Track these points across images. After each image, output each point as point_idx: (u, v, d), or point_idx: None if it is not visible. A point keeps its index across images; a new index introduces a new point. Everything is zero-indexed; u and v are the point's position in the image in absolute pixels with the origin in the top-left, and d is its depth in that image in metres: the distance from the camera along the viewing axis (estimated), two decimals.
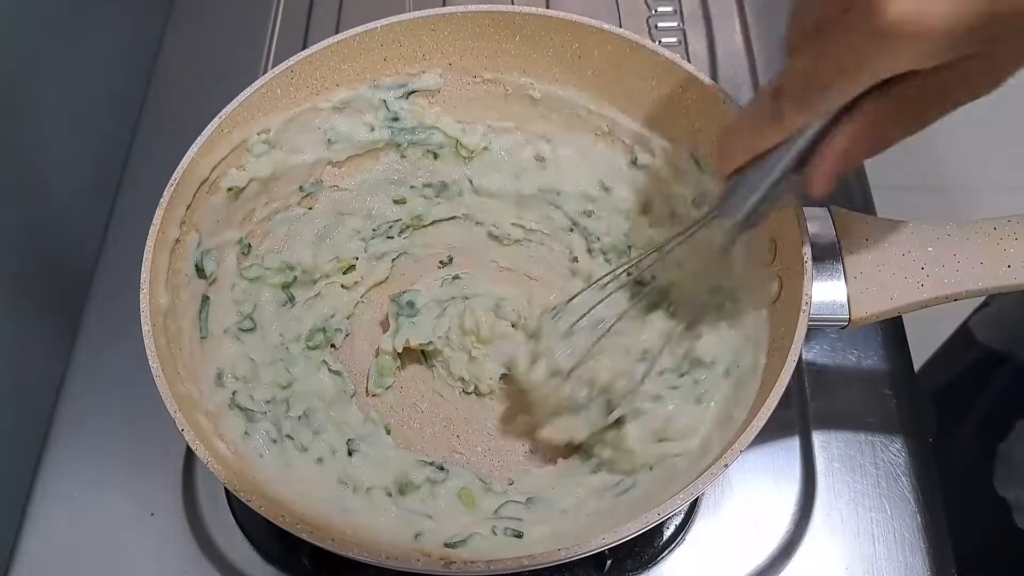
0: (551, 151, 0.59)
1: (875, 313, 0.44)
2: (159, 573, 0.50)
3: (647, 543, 0.50)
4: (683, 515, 0.51)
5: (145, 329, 0.43)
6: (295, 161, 0.55)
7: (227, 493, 0.52)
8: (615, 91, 0.55)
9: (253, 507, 0.39)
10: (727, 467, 0.39)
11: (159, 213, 0.46)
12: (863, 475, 0.52)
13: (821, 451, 0.53)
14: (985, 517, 0.68)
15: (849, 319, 0.44)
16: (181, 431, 0.41)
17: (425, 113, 0.58)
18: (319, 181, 0.57)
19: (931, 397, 0.83)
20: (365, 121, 0.57)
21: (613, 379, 0.48)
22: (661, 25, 0.73)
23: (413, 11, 0.54)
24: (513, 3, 0.70)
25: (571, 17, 0.53)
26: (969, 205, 1.39)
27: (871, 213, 0.62)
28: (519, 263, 0.60)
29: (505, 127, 0.59)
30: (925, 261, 0.44)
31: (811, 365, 0.56)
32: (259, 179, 0.53)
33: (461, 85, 0.58)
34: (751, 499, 0.52)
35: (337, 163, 0.58)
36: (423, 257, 0.60)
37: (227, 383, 0.49)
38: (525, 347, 0.52)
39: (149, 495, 0.52)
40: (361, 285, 0.58)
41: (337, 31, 0.59)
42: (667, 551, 0.50)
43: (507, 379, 0.54)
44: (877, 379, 0.56)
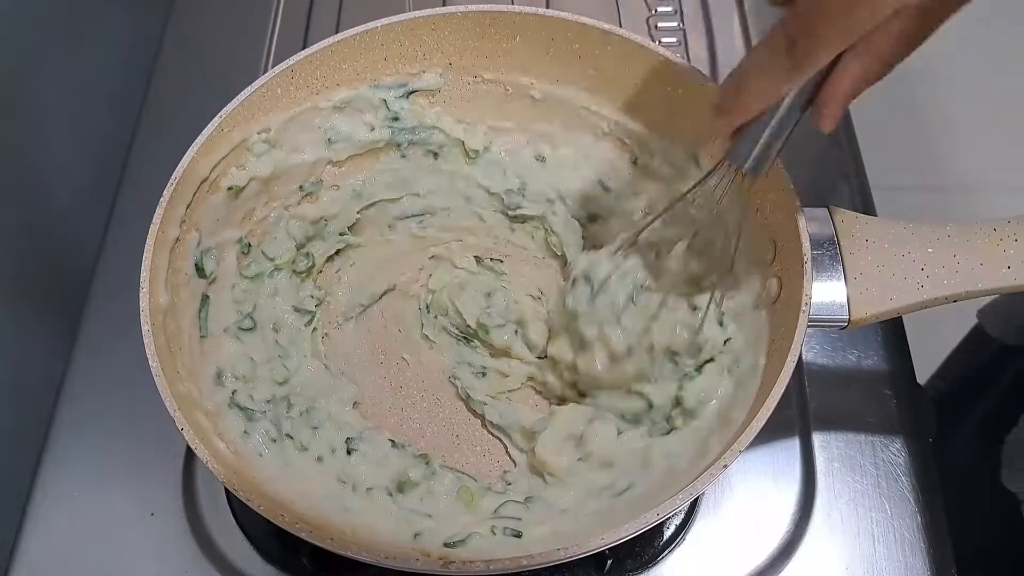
0: (551, 151, 0.59)
1: (875, 314, 0.44)
2: (159, 573, 0.50)
3: (647, 543, 0.50)
4: (683, 515, 0.51)
5: (145, 328, 0.43)
6: (295, 160, 0.55)
7: (227, 493, 0.52)
8: (615, 91, 0.55)
9: (252, 507, 0.39)
10: (726, 467, 0.39)
11: (159, 212, 0.46)
12: (863, 475, 0.52)
13: (821, 451, 0.53)
14: (987, 516, 0.68)
15: (849, 319, 0.44)
16: (181, 430, 0.41)
17: (425, 113, 0.58)
18: (319, 180, 0.57)
19: (940, 396, 0.83)
20: (365, 121, 0.57)
21: (672, 336, 0.49)
22: (661, 25, 0.73)
23: (413, 11, 0.54)
24: (513, 3, 0.70)
25: (571, 17, 0.53)
26: (969, 205, 1.39)
27: (871, 213, 0.62)
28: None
29: (505, 127, 0.60)
30: (925, 262, 0.44)
31: (811, 365, 0.56)
32: (259, 178, 0.53)
33: (461, 85, 0.58)
34: (751, 499, 0.52)
35: (337, 163, 0.58)
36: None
37: (227, 382, 0.49)
38: (564, 340, 0.52)
39: (149, 495, 0.52)
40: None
41: (337, 31, 0.59)
42: (667, 551, 0.50)
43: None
44: (877, 379, 0.56)
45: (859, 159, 0.66)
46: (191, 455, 0.53)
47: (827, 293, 0.44)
